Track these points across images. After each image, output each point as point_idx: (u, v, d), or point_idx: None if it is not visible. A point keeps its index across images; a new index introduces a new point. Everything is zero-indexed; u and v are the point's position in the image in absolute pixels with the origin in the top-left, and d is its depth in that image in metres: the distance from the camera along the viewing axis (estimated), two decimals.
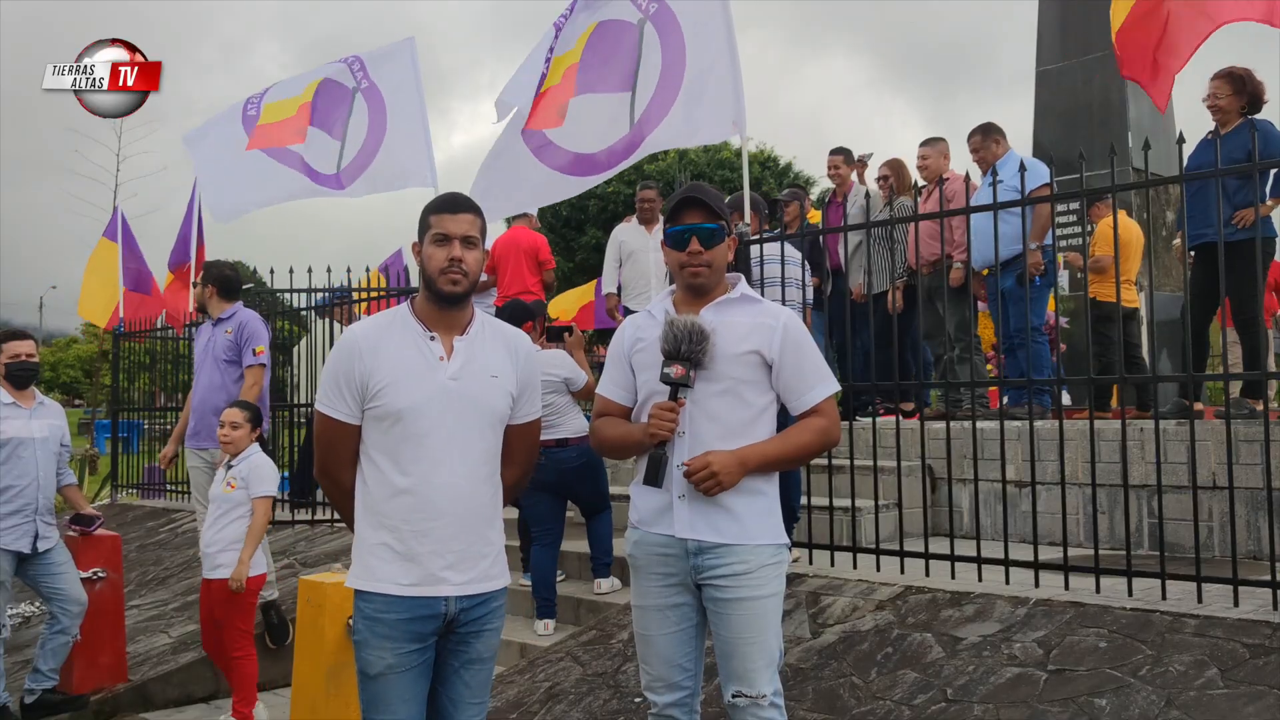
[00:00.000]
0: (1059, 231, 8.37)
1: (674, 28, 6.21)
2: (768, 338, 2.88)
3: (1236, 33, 5.10)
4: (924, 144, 7.46)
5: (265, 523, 5.13)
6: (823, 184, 29.27)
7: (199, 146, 8.57)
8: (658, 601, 2.91)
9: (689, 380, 2.81)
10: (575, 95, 6.22)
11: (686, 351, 2.78)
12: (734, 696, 2.82)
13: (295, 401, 9.44)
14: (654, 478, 2.85)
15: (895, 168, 7.94)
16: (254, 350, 6.06)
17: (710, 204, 2.93)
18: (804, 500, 5.28)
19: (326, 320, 8.60)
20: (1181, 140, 4.39)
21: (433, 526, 2.68)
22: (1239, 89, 5.73)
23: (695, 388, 2.85)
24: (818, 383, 2.90)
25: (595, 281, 9.64)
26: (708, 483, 2.77)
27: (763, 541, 2.85)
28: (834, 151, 8.14)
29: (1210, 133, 5.75)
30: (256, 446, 5.18)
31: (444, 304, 2.77)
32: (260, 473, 5.09)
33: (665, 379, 2.81)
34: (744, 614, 2.81)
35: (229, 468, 5.11)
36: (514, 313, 5.90)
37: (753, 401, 2.88)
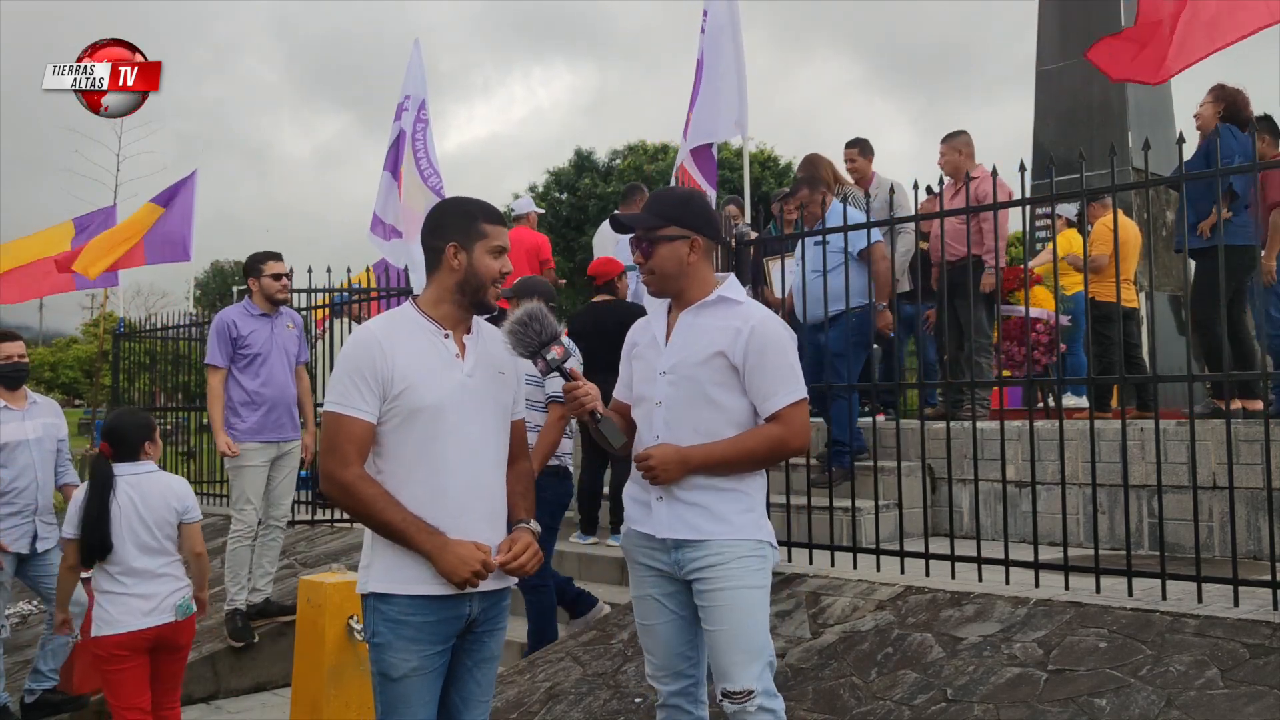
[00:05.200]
0: (1038, 235, 8.37)
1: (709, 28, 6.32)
2: (732, 340, 2.83)
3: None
4: (945, 139, 7.06)
5: (72, 566, 4.08)
6: None
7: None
8: (653, 591, 2.95)
9: (552, 356, 2.74)
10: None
11: (524, 335, 2.72)
12: (721, 696, 2.83)
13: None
14: (602, 440, 2.91)
15: (809, 167, 6.82)
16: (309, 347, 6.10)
17: (628, 220, 2.94)
18: (804, 500, 5.28)
19: (345, 320, 8.59)
20: (1181, 140, 4.39)
21: (458, 524, 2.64)
22: (1217, 97, 5.94)
23: (668, 393, 2.88)
24: (780, 388, 2.82)
25: None
26: (647, 475, 2.83)
27: (740, 536, 2.84)
28: (849, 144, 7.66)
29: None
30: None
31: (477, 311, 2.77)
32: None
33: (546, 367, 2.76)
34: (722, 605, 2.81)
35: None
36: (524, 287, 5.22)
37: (725, 405, 2.86)
